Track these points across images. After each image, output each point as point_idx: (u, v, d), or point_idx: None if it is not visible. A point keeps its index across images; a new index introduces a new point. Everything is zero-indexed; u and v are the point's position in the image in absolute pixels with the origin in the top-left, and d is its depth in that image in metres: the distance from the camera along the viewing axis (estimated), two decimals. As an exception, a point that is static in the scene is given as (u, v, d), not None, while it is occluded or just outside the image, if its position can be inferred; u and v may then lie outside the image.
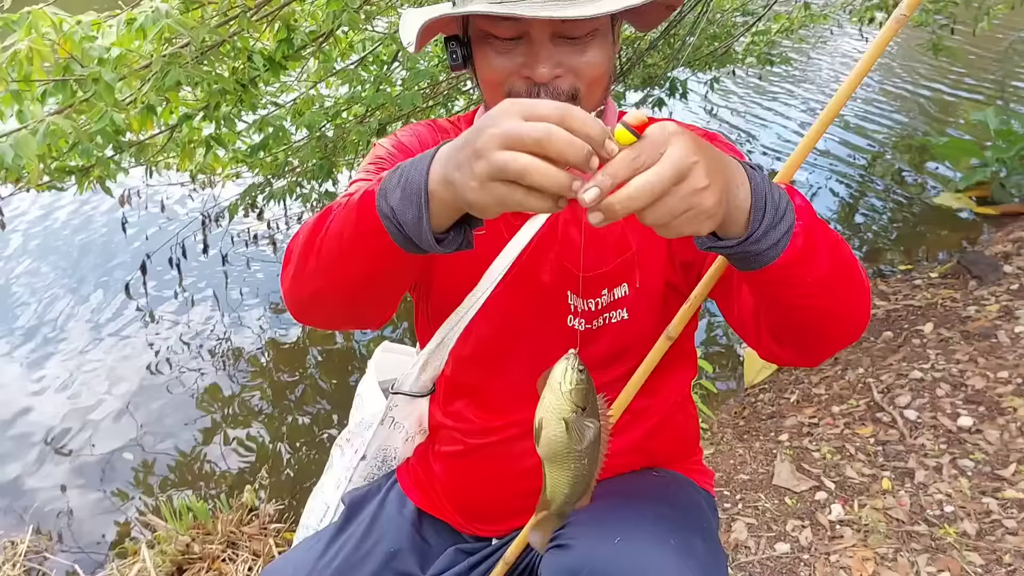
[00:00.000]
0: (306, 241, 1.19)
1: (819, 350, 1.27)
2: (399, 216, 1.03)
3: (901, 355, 4.20)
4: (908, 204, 7.17)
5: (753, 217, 1.00)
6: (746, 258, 1.04)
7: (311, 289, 1.23)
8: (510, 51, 1.31)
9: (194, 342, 5.46)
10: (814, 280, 1.10)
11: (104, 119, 3.25)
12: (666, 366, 1.55)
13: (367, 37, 4.68)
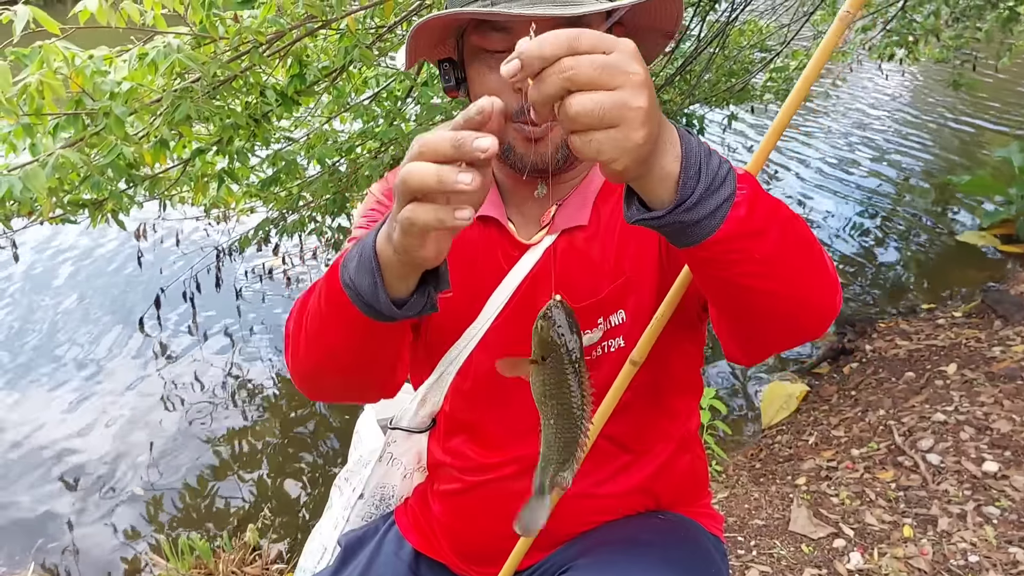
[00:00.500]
0: (296, 320, 1.21)
1: (778, 340, 1.18)
2: (356, 285, 1.04)
3: (924, 396, 4.09)
4: (931, 242, 7.08)
5: (684, 181, 0.92)
6: (680, 230, 0.95)
7: (307, 367, 1.24)
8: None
9: (206, 377, 5.43)
10: (763, 257, 1.00)
11: (114, 152, 3.24)
12: (668, 402, 1.51)
13: (380, 73, 4.67)
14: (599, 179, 1.44)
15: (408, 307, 1.04)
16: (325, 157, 4.36)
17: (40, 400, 5.23)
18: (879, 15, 7.70)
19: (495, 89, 1.28)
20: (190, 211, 5.27)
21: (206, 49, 3.45)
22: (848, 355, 5.04)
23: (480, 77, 1.32)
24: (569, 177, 1.44)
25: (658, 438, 1.54)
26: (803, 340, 1.16)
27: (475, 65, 1.32)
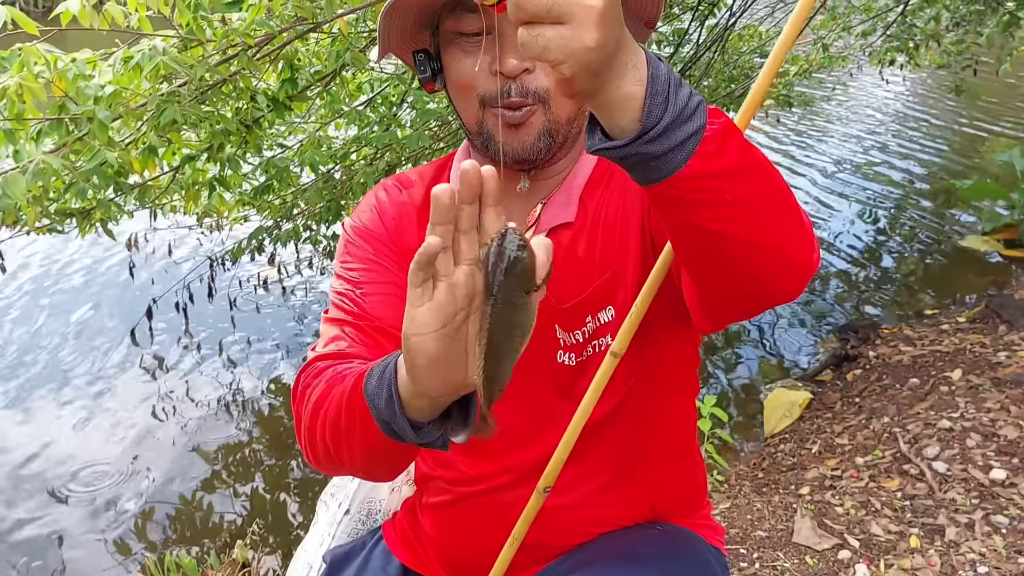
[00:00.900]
0: (312, 409, 1.19)
1: (750, 299, 1.08)
2: (374, 402, 1.04)
3: (929, 403, 4.02)
4: (934, 247, 7.03)
5: (648, 109, 0.86)
6: (643, 163, 0.89)
7: (327, 463, 1.23)
8: (478, 48, 1.25)
9: (198, 390, 5.36)
10: (733, 199, 0.92)
11: (97, 158, 3.16)
12: (663, 403, 1.45)
13: (375, 78, 4.61)
14: (584, 173, 1.39)
15: (423, 433, 1.03)
16: (319, 164, 4.29)
17: (26, 413, 5.16)
18: (879, 20, 7.66)
19: (470, 74, 1.26)
20: (182, 220, 5.21)
21: (193, 52, 3.38)
22: (851, 361, 4.97)
23: (456, 63, 1.28)
24: (554, 172, 1.39)
25: (654, 442, 1.48)
26: (776, 299, 1.07)
27: (450, 50, 1.28)
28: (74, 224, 3.84)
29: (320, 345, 1.32)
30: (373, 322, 1.32)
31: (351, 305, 1.35)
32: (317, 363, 1.26)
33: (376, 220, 1.45)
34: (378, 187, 1.52)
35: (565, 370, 1.39)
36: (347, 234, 1.46)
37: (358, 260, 1.41)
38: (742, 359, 5.36)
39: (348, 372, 1.16)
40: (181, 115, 3.26)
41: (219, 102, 3.64)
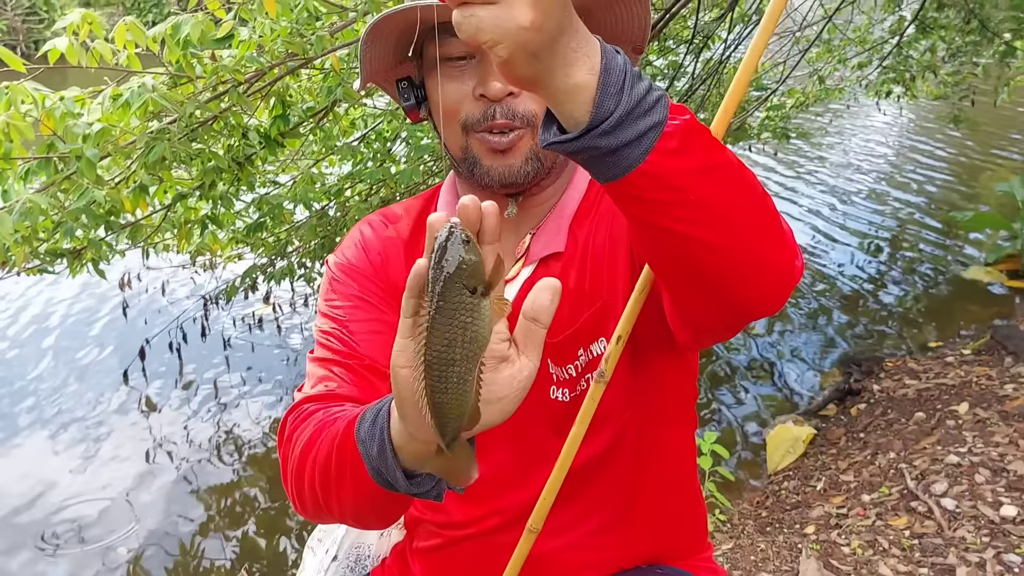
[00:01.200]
0: (300, 453, 1.14)
1: (727, 308, 1.01)
2: (366, 448, 0.99)
3: (935, 438, 3.95)
4: (936, 279, 6.98)
5: (600, 99, 0.82)
6: (598, 159, 0.85)
7: (313, 510, 1.17)
8: (462, 73, 1.23)
9: (192, 431, 5.28)
10: (699, 199, 0.88)
11: (85, 196, 3.12)
12: (660, 436, 1.40)
13: (368, 114, 4.59)
14: (574, 202, 1.35)
15: (416, 483, 0.98)
16: (313, 200, 4.24)
17: (17, 457, 5.10)
18: (874, 52, 7.66)
19: (455, 99, 1.23)
20: (176, 259, 5.17)
21: (184, 89, 3.35)
22: (855, 396, 4.90)
23: (439, 89, 1.25)
24: (542, 199, 1.35)
25: (652, 479, 1.42)
26: (755, 310, 1.01)
27: (433, 75, 1.26)
28: (64, 264, 3.78)
29: (308, 386, 1.27)
30: (363, 361, 1.27)
31: (338, 344, 1.29)
32: (305, 405, 1.21)
33: (361, 256, 1.40)
34: (362, 222, 1.47)
35: (559, 407, 1.33)
36: (331, 271, 1.40)
37: (343, 297, 1.35)
38: (743, 394, 5.29)
39: (339, 415, 1.11)
40: (171, 152, 3.21)
41: (210, 139, 3.61)
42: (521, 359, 0.87)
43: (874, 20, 7.76)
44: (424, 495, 0.98)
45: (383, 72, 1.32)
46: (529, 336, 0.87)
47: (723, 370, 5.50)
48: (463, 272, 0.78)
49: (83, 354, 6.34)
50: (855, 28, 7.69)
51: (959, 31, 7.40)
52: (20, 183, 3.15)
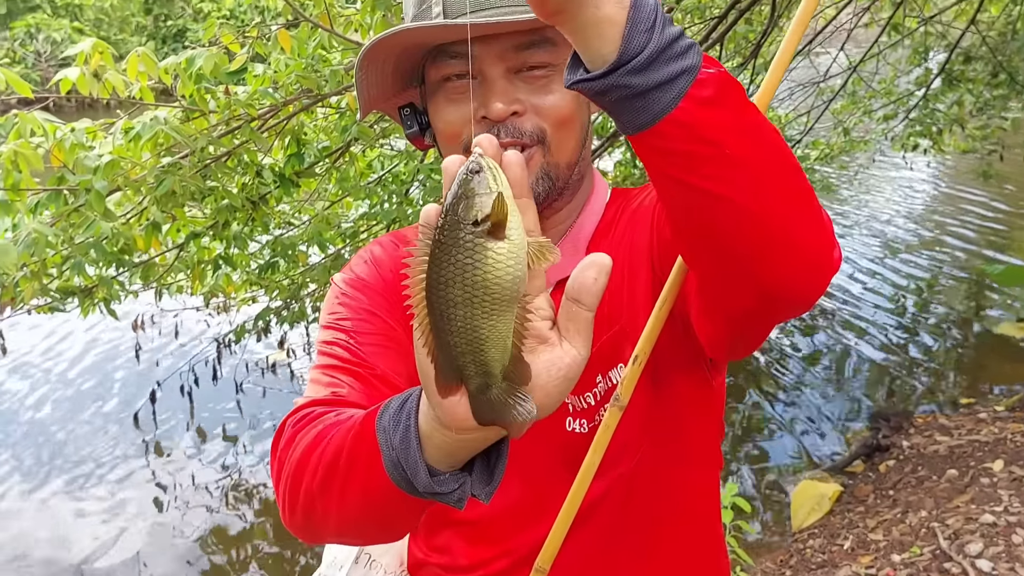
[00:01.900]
0: (297, 464, 1.02)
1: (760, 291, 0.92)
2: (390, 438, 0.88)
3: (969, 496, 3.82)
4: (967, 334, 6.86)
5: (629, 34, 0.78)
6: (627, 101, 0.81)
7: (304, 521, 1.05)
8: (463, 95, 1.19)
9: (202, 476, 5.23)
10: (735, 156, 0.83)
11: (92, 229, 3.07)
12: (683, 476, 1.32)
13: (384, 155, 4.55)
14: (591, 224, 1.31)
15: (440, 481, 0.85)
16: (328, 242, 4.20)
17: (24, 499, 5.04)
18: (900, 104, 7.61)
19: (457, 121, 1.20)
20: (189, 301, 5.13)
21: (197, 123, 3.31)
22: (884, 452, 4.78)
23: (440, 112, 1.22)
24: (557, 221, 1.30)
25: (670, 519, 1.32)
26: (787, 296, 0.93)
27: (435, 100, 1.23)
28: (76, 303, 3.73)
29: (311, 393, 1.17)
30: (373, 369, 1.18)
31: (345, 353, 1.21)
32: (310, 408, 1.10)
33: (372, 271, 1.34)
34: (373, 243, 1.41)
35: (575, 440, 1.25)
36: (338, 287, 1.33)
37: (352, 310, 1.28)
38: (766, 449, 5.16)
39: (354, 415, 1.00)
40: (180, 186, 3.16)
41: (224, 176, 3.56)
42: (564, 345, 0.77)
43: (900, 72, 7.72)
44: (444, 497, 0.86)
45: (384, 100, 1.29)
46: (572, 319, 0.77)
47: (746, 423, 5.38)
48: (458, 204, 0.70)
49: (93, 396, 6.32)
50: (880, 80, 7.65)
51: (987, 84, 7.35)
52: (30, 215, 3.11)
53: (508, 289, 0.70)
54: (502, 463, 0.87)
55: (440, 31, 1.13)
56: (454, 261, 0.69)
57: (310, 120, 3.85)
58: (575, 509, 1.14)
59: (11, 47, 20.15)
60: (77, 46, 2.88)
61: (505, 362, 0.73)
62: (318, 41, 3.37)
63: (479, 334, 0.71)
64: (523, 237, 0.72)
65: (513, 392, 0.75)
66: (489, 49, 1.14)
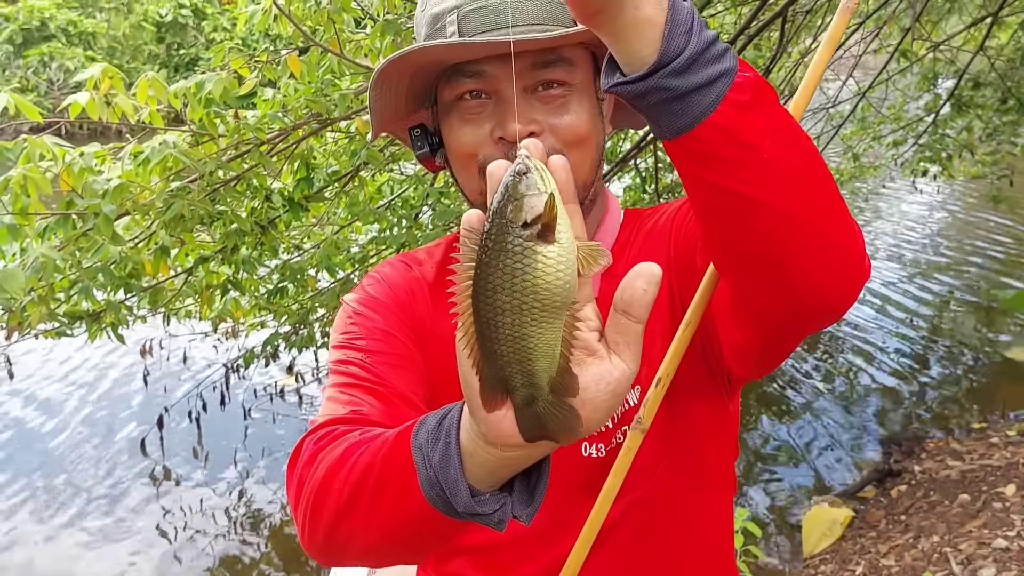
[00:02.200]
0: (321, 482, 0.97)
1: (793, 298, 0.92)
2: (427, 455, 0.84)
3: (981, 520, 3.77)
4: (977, 359, 6.79)
5: (669, 35, 0.78)
6: (667, 104, 0.80)
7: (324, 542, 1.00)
8: (478, 115, 1.17)
9: (209, 504, 5.18)
10: (770, 159, 0.83)
11: (99, 253, 3.07)
12: (697, 498, 1.29)
13: (394, 179, 4.55)
14: (606, 244, 1.28)
15: (481, 501, 0.82)
16: (337, 266, 4.19)
17: (32, 526, 5.01)
18: (910, 130, 7.60)
19: (472, 141, 1.17)
20: (198, 326, 5.11)
21: (206, 147, 3.32)
22: (895, 477, 4.72)
23: (454, 132, 1.20)
24: None
25: (686, 543, 1.29)
26: (822, 302, 0.92)
27: (448, 120, 1.21)
28: (83, 328, 3.72)
29: (328, 412, 1.12)
30: (392, 388, 1.15)
31: (362, 372, 1.17)
32: (332, 427, 1.06)
33: (387, 291, 1.31)
34: (383, 264, 1.39)
35: (592, 464, 1.23)
36: (351, 307, 1.29)
37: (366, 330, 1.24)
38: (777, 473, 5.11)
39: (383, 433, 0.96)
40: (189, 210, 3.17)
41: (233, 201, 3.56)
42: (612, 359, 0.74)
43: (909, 97, 7.71)
44: (485, 519, 0.82)
45: (396, 121, 1.27)
46: (621, 332, 0.73)
47: (757, 448, 5.33)
48: (506, 206, 0.67)
49: (100, 422, 6.30)
50: (890, 106, 7.65)
51: (996, 110, 7.34)
52: (38, 240, 3.11)
53: (558, 295, 0.68)
54: (543, 482, 0.84)
55: (458, 50, 1.12)
56: (502, 266, 0.67)
57: (319, 144, 3.85)
58: (595, 533, 1.12)
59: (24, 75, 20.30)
60: (87, 71, 2.89)
61: (552, 373, 0.70)
62: (328, 66, 3.38)
63: (527, 343, 0.69)
64: (572, 241, 0.70)
65: (560, 405, 0.71)
66: (506, 69, 1.13)
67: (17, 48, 21.72)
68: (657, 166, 5.17)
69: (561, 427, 0.72)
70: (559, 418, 0.71)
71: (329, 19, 3.19)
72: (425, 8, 1.23)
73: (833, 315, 0.96)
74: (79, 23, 23.12)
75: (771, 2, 4.40)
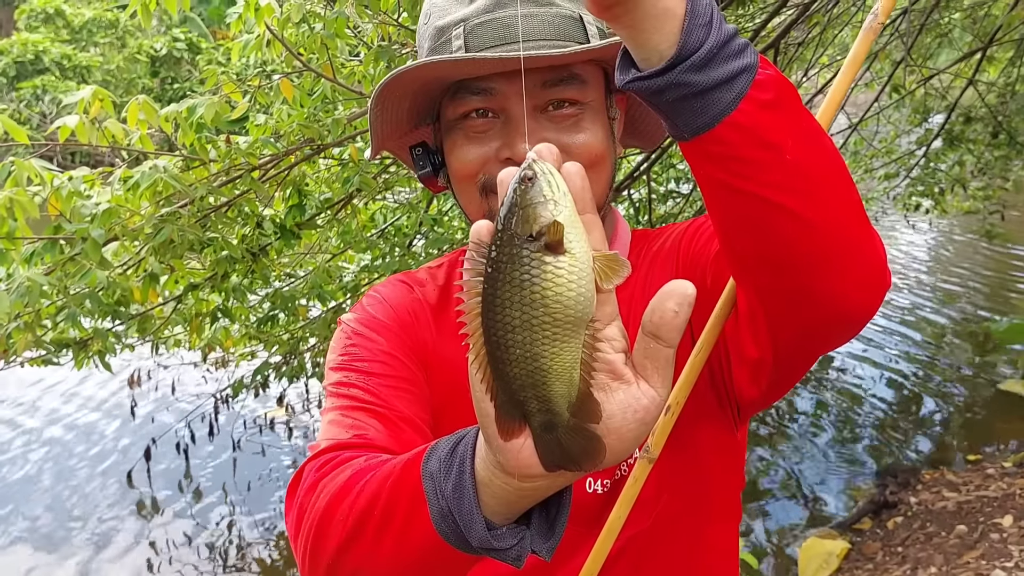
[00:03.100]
0: (324, 510, 0.92)
1: (817, 300, 0.87)
2: (439, 486, 0.79)
3: (979, 551, 3.74)
4: (972, 392, 6.78)
5: (688, 27, 0.75)
6: (686, 101, 0.76)
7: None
8: (484, 134, 1.13)
9: (197, 537, 5.11)
10: (793, 162, 0.79)
11: (87, 277, 3.03)
12: (703, 529, 1.23)
13: (386, 207, 4.54)
14: None
15: (497, 536, 0.77)
16: (328, 295, 4.15)
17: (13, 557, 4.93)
18: (901, 164, 7.63)
19: (476, 160, 1.13)
20: (187, 356, 5.06)
21: (197, 172, 3.30)
22: (891, 508, 4.68)
23: (457, 150, 1.15)
24: None
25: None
26: (843, 313, 0.88)
27: (451, 138, 1.16)
28: (70, 355, 3.67)
29: (330, 436, 1.07)
30: (397, 411, 1.10)
31: (364, 394, 1.12)
32: (335, 452, 1.00)
33: (389, 311, 1.26)
34: (384, 284, 1.34)
35: (596, 501, 1.18)
36: (350, 327, 1.24)
37: (367, 351, 1.19)
38: (773, 505, 5.06)
39: (390, 460, 0.91)
40: (178, 235, 3.13)
41: (224, 227, 3.53)
42: (641, 384, 0.69)
43: (900, 131, 7.76)
44: (501, 554, 0.77)
45: (396, 138, 1.24)
46: (650, 357, 0.68)
47: (753, 479, 5.29)
48: (513, 213, 0.63)
49: (87, 453, 6.22)
50: (881, 139, 7.68)
51: (987, 145, 7.37)
52: (24, 265, 3.07)
53: (571, 309, 0.63)
54: (564, 514, 0.79)
55: (465, 66, 1.08)
56: (510, 279, 0.63)
57: (312, 171, 3.83)
58: (598, 567, 1.06)
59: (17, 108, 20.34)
60: (77, 93, 2.87)
61: (572, 398, 0.66)
62: (320, 92, 3.36)
63: (540, 363, 0.64)
64: (587, 251, 0.64)
65: (582, 432, 0.67)
66: (514, 85, 1.09)
67: (10, 81, 21.78)
68: (651, 196, 5.17)
69: (584, 455, 0.67)
70: (581, 446, 0.67)
71: (323, 44, 3.18)
72: (428, 21, 1.19)
73: (854, 325, 0.91)
74: (73, 57, 23.22)
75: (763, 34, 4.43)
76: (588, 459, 0.67)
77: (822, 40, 5.79)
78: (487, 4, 1.11)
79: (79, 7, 25.74)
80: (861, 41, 0.99)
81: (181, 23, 25.13)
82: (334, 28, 3.19)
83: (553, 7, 1.12)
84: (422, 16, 1.22)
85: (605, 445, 0.67)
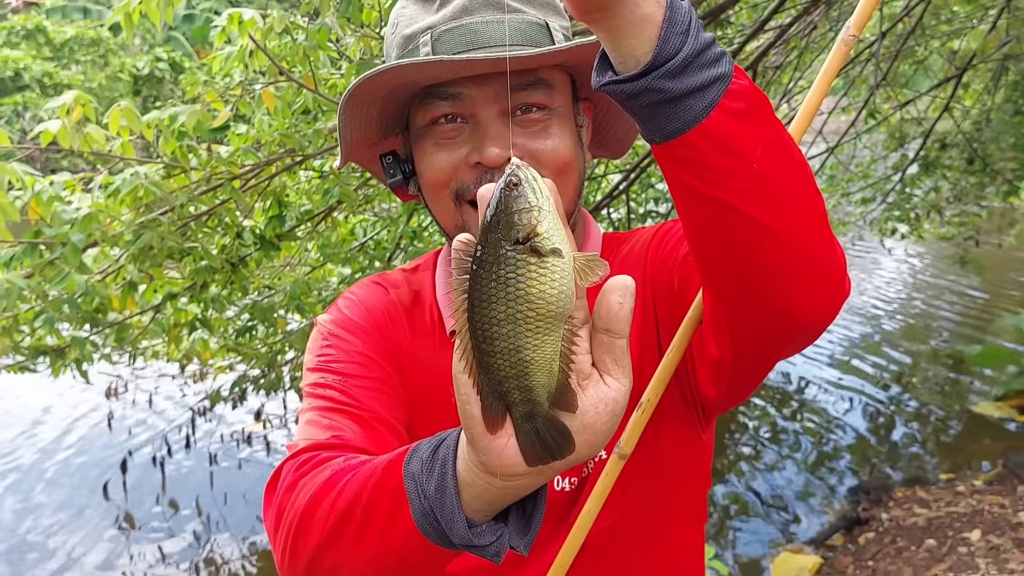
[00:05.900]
0: (303, 512, 0.94)
1: (776, 307, 0.90)
2: (421, 487, 0.83)
3: (947, 564, 3.78)
4: (946, 415, 6.83)
5: (665, 35, 0.76)
6: (659, 106, 0.79)
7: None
8: (454, 139, 1.14)
9: (172, 551, 5.06)
10: (760, 172, 0.81)
11: (65, 281, 3.04)
12: (668, 526, 1.26)
13: (365, 221, 4.55)
14: None
15: (477, 533, 0.81)
16: (308, 309, 4.15)
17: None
18: (878, 189, 7.71)
19: (446, 167, 1.14)
20: (165, 368, 5.06)
21: (178, 180, 3.31)
22: (863, 524, 4.71)
23: (428, 158, 1.17)
24: None
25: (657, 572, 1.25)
26: (802, 319, 0.91)
27: (421, 144, 1.17)
28: (47, 363, 3.67)
29: (307, 437, 1.09)
30: (373, 412, 1.12)
31: (341, 396, 1.14)
32: (313, 452, 1.02)
33: (364, 313, 1.28)
34: (359, 285, 1.36)
35: (564, 498, 1.20)
36: (326, 327, 1.26)
37: (343, 352, 1.21)
38: (746, 521, 5.08)
39: (369, 460, 0.94)
40: (158, 241, 3.15)
41: (204, 237, 3.54)
42: (606, 379, 0.73)
43: (876, 156, 7.85)
44: (481, 550, 0.81)
45: (366, 147, 1.24)
46: (607, 351, 0.73)
47: (726, 496, 5.30)
48: (499, 219, 0.68)
49: (62, 465, 6.17)
50: (858, 164, 7.77)
51: (963, 172, 7.47)
52: (3, 269, 3.08)
53: (554, 304, 0.68)
54: (540, 511, 0.83)
55: (434, 69, 1.08)
56: (495, 277, 0.67)
57: (292, 182, 3.85)
58: (571, 559, 1.09)
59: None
60: (59, 99, 2.88)
61: (551, 388, 0.70)
62: (302, 103, 3.38)
63: (524, 355, 0.69)
64: (569, 251, 0.69)
65: (557, 423, 0.72)
66: (483, 91, 1.10)
67: (-9, 99, 21.74)
68: (630, 216, 5.21)
69: (559, 446, 0.72)
70: (556, 436, 0.72)
71: (304, 55, 3.21)
72: (396, 30, 1.19)
73: (812, 331, 0.94)
74: (55, 74, 23.17)
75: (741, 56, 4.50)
76: (565, 448, 0.72)
77: (799, 65, 5.87)
78: (454, 11, 1.13)
79: (61, 24, 25.70)
80: (835, 53, 1.03)
81: (164, 42, 25.13)
82: (316, 39, 3.23)
83: (519, 13, 1.14)
84: (389, 26, 1.22)
85: (573, 438, 0.72)
